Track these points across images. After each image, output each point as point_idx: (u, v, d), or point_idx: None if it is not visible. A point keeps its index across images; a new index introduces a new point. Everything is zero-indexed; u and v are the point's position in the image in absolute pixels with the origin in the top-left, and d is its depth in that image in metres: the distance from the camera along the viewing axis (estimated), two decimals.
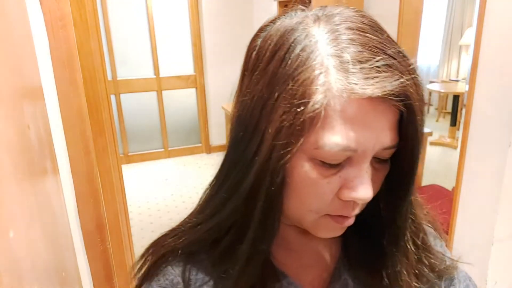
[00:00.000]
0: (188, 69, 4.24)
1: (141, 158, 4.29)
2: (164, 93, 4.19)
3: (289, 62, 0.35)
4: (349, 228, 0.44)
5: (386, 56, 0.35)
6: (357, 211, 0.41)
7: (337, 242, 0.51)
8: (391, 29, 1.93)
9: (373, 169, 0.39)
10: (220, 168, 0.44)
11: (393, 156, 0.40)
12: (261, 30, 0.42)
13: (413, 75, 0.35)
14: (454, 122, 4.50)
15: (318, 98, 0.34)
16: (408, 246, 0.45)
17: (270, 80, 0.36)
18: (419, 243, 0.47)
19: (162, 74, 4.12)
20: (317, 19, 0.37)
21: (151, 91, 4.14)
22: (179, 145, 4.43)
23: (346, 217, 0.41)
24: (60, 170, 1.04)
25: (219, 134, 4.38)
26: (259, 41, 0.41)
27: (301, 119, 0.34)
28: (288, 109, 0.35)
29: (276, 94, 0.36)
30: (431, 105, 6.14)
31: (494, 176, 1.34)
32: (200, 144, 4.50)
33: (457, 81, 5.52)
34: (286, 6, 2.91)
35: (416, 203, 0.47)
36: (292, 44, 0.36)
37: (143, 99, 4.14)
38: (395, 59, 0.35)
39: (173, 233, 0.48)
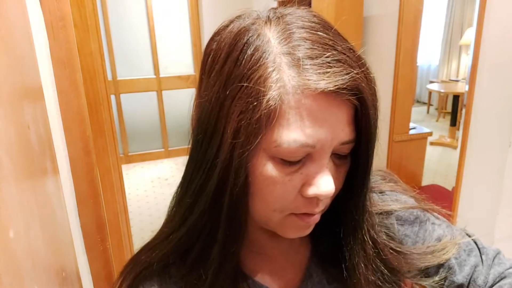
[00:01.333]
0: (188, 69, 4.24)
1: (141, 158, 4.29)
2: (164, 93, 4.19)
3: (243, 63, 0.36)
4: (317, 226, 0.45)
5: (336, 52, 0.36)
6: (321, 207, 0.41)
7: (307, 242, 0.52)
8: (391, 29, 1.93)
9: (334, 165, 0.40)
10: (184, 174, 0.44)
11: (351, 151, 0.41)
12: (216, 34, 0.42)
13: (363, 69, 0.37)
14: (454, 122, 4.49)
15: (272, 94, 0.35)
16: (366, 239, 0.46)
17: (226, 82, 0.37)
18: (376, 237, 0.47)
19: (162, 74, 4.12)
20: (268, 20, 0.39)
21: (151, 91, 4.14)
22: (179, 145, 4.43)
23: (311, 215, 0.41)
24: (60, 170, 1.04)
25: None
26: (214, 45, 0.41)
27: (257, 116, 0.35)
28: (245, 108, 0.35)
29: (232, 95, 0.36)
30: (431, 105, 6.14)
31: (494, 176, 1.34)
32: None
33: (457, 81, 5.52)
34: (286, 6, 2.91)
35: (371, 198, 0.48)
36: (245, 45, 0.36)
37: (143, 99, 4.14)
38: (345, 54, 0.36)
39: (148, 247, 0.49)
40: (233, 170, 0.37)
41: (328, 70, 0.35)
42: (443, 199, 2.07)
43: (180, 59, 4.19)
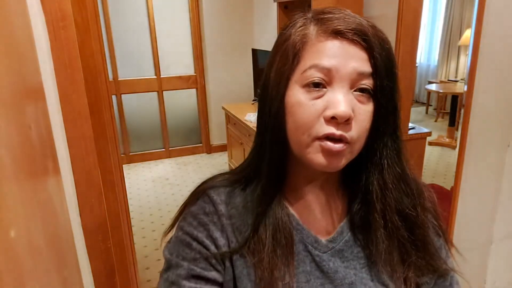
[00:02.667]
0: (188, 69, 4.24)
1: (142, 158, 4.29)
2: (165, 93, 4.20)
3: (285, 34, 0.52)
4: (356, 202, 0.57)
5: (351, 16, 0.49)
6: (342, 131, 0.48)
7: (345, 209, 0.60)
8: (390, 30, 1.94)
9: (359, 103, 0.49)
10: (257, 124, 0.58)
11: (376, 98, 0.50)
12: None
13: (371, 24, 0.49)
14: (452, 122, 4.50)
15: (297, 37, 0.50)
16: (383, 164, 0.54)
17: (276, 47, 0.53)
18: (396, 167, 0.55)
19: (163, 74, 4.13)
20: (310, 16, 0.52)
21: (152, 91, 4.15)
22: (180, 145, 4.44)
23: (334, 141, 0.48)
24: (61, 170, 1.05)
25: (220, 134, 4.38)
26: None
27: (286, 54, 0.50)
28: (281, 56, 0.51)
29: (276, 52, 0.52)
30: (430, 105, 6.14)
31: (493, 176, 1.34)
32: (200, 144, 4.51)
33: (456, 81, 5.52)
34: (286, 7, 2.90)
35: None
36: (290, 24, 0.52)
37: (144, 99, 4.15)
38: (358, 18, 0.49)
39: (221, 174, 0.62)
40: (274, 100, 0.51)
41: (341, 19, 0.48)
42: (442, 199, 2.07)
43: (181, 60, 4.20)
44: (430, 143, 4.36)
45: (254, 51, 3.92)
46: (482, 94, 1.33)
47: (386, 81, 0.49)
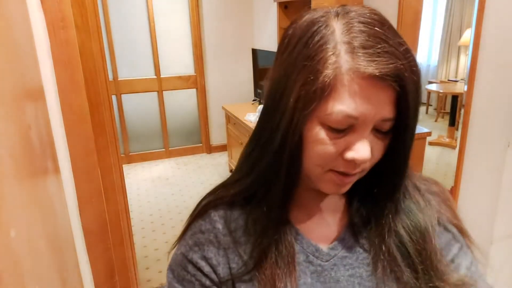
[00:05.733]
0: (188, 69, 4.24)
1: (142, 158, 4.30)
2: (165, 93, 4.20)
3: (310, 46, 0.44)
4: (356, 200, 0.56)
5: (387, 45, 0.43)
6: (357, 170, 0.48)
7: (345, 211, 0.59)
8: None
9: (376, 138, 0.47)
10: (253, 133, 0.54)
11: (395, 131, 0.48)
12: (293, 22, 0.49)
13: (409, 61, 0.43)
14: (453, 122, 4.49)
15: (328, 73, 0.43)
16: (400, 197, 0.53)
17: (295, 59, 0.45)
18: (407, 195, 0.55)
19: (163, 74, 4.13)
20: (336, 14, 0.46)
21: (152, 91, 4.15)
22: (179, 145, 4.44)
23: (347, 175, 0.48)
24: (61, 170, 1.05)
25: (220, 134, 4.38)
26: (291, 30, 0.48)
27: (314, 89, 0.43)
28: (305, 81, 0.44)
29: (298, 70, 0.45)
30: (430, 105, 6.14)
31: (493, 176, 1.34)
32: (200, 144, 4.51)
33: (456, 81, 5.52)
34: (286, 7, 2.90)
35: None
36: (315, 32, 0.44)
37: (144, 99, 4.15)
38: (394, 48, 0.43)
39: (222, 186, 0.60)
40: (291, 131, 0.46)
41: (377, 59, 0.42)
42: None
43: (181, 60, 4.20)
44: (430, 143, 4.35)
45: (254, 51, 3.92)
46: (482, 94, 1.33)
47: (413, 121, 0.47)
